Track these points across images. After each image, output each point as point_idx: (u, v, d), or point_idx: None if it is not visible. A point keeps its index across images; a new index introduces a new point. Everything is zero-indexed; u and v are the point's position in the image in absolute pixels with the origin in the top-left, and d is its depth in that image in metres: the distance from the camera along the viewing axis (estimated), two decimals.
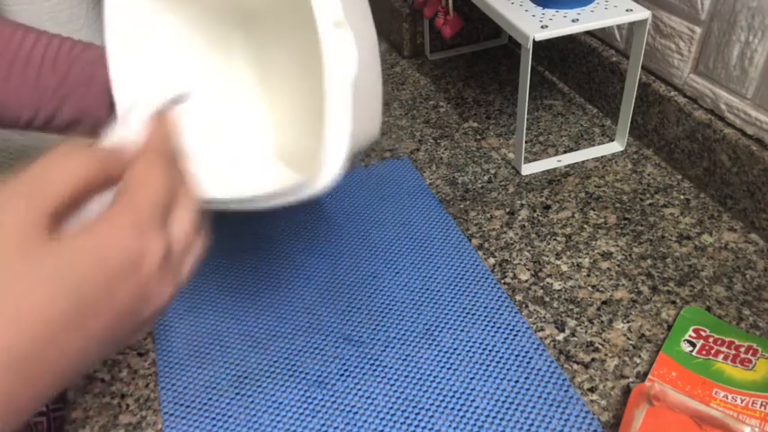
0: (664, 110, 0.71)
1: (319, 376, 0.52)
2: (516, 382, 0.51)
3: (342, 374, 0.53)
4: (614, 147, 0.76)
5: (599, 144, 0.78)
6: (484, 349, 0.54)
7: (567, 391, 0.50)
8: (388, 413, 0.49)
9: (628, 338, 0.54)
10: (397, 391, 0.51)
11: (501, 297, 0.58)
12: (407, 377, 0.52)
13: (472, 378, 0.51)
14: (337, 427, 0.49)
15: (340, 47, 0.35)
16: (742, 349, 0.51)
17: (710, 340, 0.52)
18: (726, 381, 0.48)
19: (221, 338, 0.56)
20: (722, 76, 0.65)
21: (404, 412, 0.49)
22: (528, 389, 0.50)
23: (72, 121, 0.46)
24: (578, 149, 0.77)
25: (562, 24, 0.64)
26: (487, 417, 0.49)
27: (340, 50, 0.35)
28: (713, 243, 0.62)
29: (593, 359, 0.53)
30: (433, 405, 0.50)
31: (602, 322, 0.56)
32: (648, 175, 0.72)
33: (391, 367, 0.53)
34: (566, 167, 0.74)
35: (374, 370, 0.53)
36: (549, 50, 0.91)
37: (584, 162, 0.74)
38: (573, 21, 0.65)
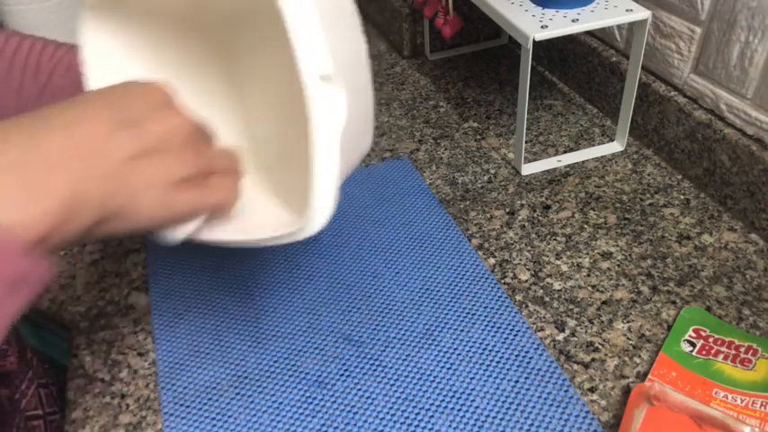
0: (664, 110, 0.71)
1: (319, 376, 0.53)
2: (516, 382, 0.51)
3: (342, 374, 0.53)
4: (614, 147, 0.76)
5: (599, 144, 0.78)
6: (484, 349, 0.54)
7: (566, 391, 0.50)
8: (388, 413, 0.49)
9: (628, 338, 0.54)
10: (397, 391, 0.51)
11: (501, 297, 0.58)
12: (407, 377, 0.52)
13: (472, 378, 0.51)
14: (337, 427, 0.49)
15: (327, 102, 0.35)
16: (742, 349, 0.51)
17: (710, 340, 0.52)
18: (726, 381, 0.48)
19: (221, 338, 0.56)
20: (722, 76, 0.65)
21: (404, 412, 0.49)
22: (528, 389, 0.50)
23: None
24: (578, 149, 0.77)
25: (562, 24, 0.64)
26: (487, 417, 0.49)
27: (327, 105, 0.35)
28: (713, 243, 0.62)
29: (593, 359, 0.53)
30: (433, 405, 0.50)
31: (602, 322, 0.56)
32: (648, 175, 0.72)
33: (391, 367, 0.53)
34: (566, 167, 0.74)
35: (374, 370, 0.53)
36: (549, 50, 0.91)
37: (584, 162, 0.74)
38: (573, 21, 0.65)
